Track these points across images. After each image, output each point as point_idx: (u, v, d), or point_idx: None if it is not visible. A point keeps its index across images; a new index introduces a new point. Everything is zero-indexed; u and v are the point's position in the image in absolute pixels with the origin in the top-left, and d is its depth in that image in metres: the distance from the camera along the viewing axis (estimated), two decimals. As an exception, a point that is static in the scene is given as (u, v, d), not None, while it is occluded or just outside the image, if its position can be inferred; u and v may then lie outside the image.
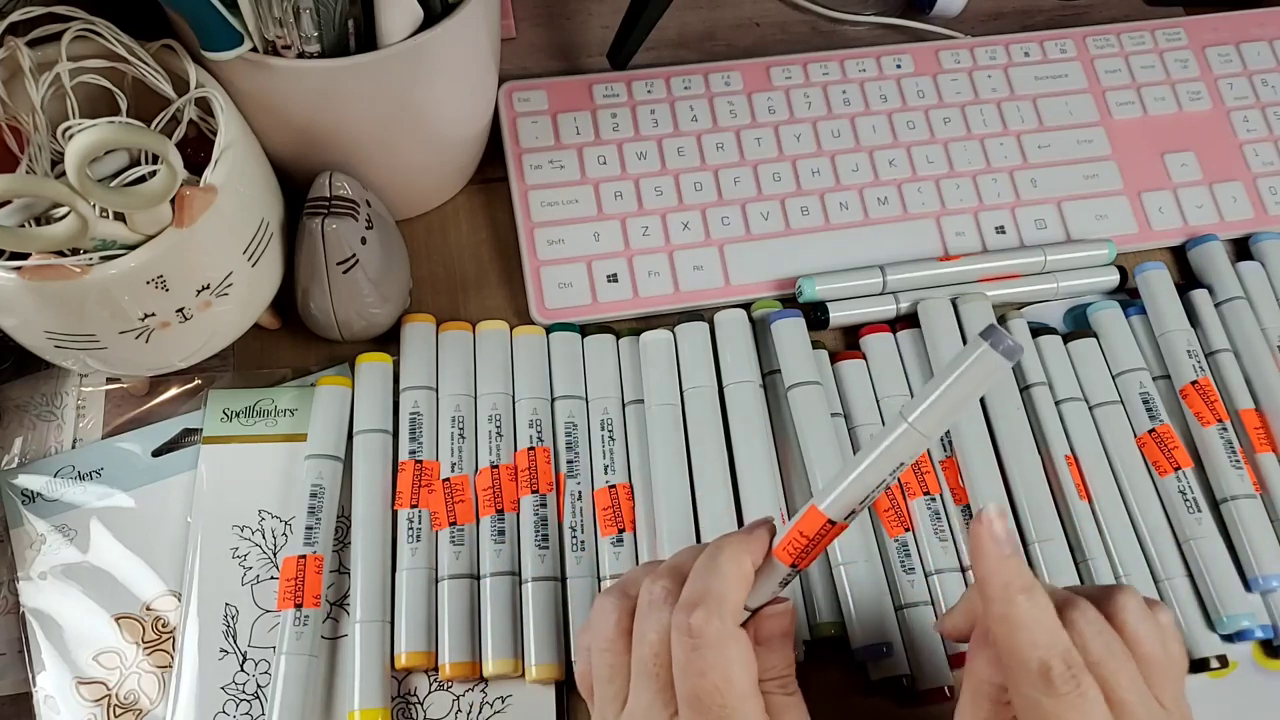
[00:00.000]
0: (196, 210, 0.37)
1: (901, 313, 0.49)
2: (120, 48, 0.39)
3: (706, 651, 0.30)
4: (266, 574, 0.42)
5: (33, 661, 0.41)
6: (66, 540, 0.43)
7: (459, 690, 0.41)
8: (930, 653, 0.42)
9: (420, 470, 0.44)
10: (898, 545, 0.44)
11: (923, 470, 0.45)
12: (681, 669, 0.31)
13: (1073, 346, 0.49)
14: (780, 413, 0.46)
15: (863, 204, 0.52)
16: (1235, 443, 0.46)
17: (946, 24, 0.60)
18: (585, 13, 0.59)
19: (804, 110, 0.54)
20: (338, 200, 0.42)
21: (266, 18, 0.38)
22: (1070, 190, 0.53)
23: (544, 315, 0.48)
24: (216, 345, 0.43)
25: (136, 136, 0.33)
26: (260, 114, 0.42)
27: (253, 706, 0.40)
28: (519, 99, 0.53)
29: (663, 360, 0.46)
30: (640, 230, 0.50)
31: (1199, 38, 0.58)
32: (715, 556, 0.32)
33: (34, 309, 0.37)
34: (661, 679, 0.32)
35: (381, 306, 0.45)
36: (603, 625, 0.34)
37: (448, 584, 0.42)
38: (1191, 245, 0.52)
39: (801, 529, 0.31)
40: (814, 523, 0.31)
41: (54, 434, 0.45)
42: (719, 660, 0.30)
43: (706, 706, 0.30)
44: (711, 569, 0.32)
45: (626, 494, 0.44)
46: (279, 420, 0.45)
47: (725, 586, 0.31)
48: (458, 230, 0.52)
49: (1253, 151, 0.55)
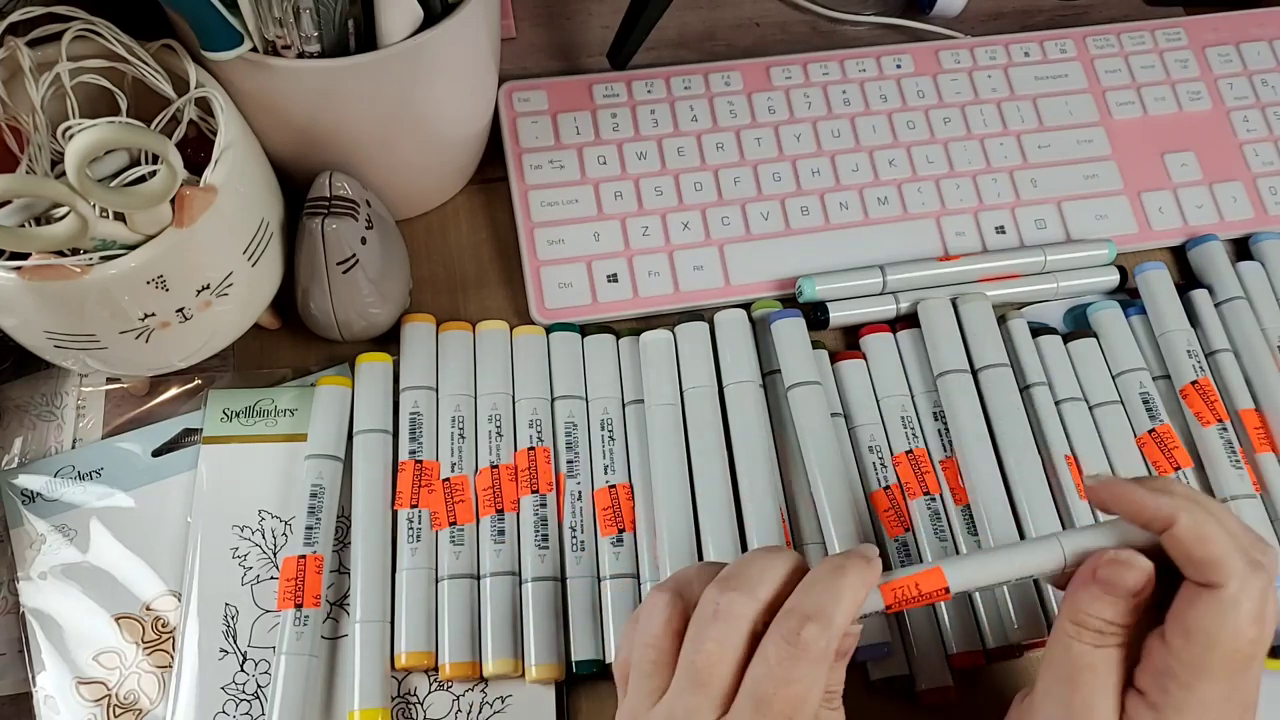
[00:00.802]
0: (196, 210, 0.37)
1: (901, 313, 0.49)
2: (120, 48, 0.39)
3: (804, 665, 0.30)
4: (266, 574, 0.42)
5: (33, 661, 0.41)
6: (66, 540, 0.43)
7: (459, 690, 0.41)
8: (930, 653, 0.42)
9: (420, 470, 0.44)
10: (898, 545, 0.44)
11: (922, 470, 0.45)
12: (766, 673, 0.31)
13: (1073, 346, 0.49)
14: (780, 413, 0.46)
15: (863, 204, 0.52)
16: (1235, 443, 0.46)
17: (946, 24, 0.60)
18: (585, 13, 0.59)
19: (804, 110, 0.54)
20: (338, 200, 0.42)
21: (266, 18, 0.38)
22: (1070, 190, 0.53)
23: (544, 315, 0.48)
24: (216, 345, 0.43)
25: (136, 136, 0.33)
26: (260, 114, 0.42)
27: (253, 706, 0.40)
28: (519, 99, 0.53)
29: (663, 360, 0.46)
30: (640, 230, 0.50)
31: (1199, 38, 0.58)
32: (839, 577, 0.32)
33: (34, 309, 0.37)
34: (713, 687, 0.31)
35: (381, 306, 0.45)
36: (651, 621, 0.33)
37: (448, 584, 0.42)
38: (1191, 245, 0.52)
39: (919, 582, 0.33)
40: (933, 582, 0.33)
41: (54, 434, 0.45)
42: (810, 676, 0.31)
43: (776, 712, 0.30)
44: (833, 589, 0.32)
45: (626, 494, 0.44)
46: (279, 420, 0.45)
47: (841, 611, 0.31)
48: (458, 230, 0.52)
49: (1253, 151, 0.55)
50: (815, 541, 0.43)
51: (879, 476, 0.45)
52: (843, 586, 0.32)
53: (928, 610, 0.42)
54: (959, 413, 0.46)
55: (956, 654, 0.42)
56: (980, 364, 0.47)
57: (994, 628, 0.42)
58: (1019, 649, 0.42)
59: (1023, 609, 0.42)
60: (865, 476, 0.45)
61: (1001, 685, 0.43)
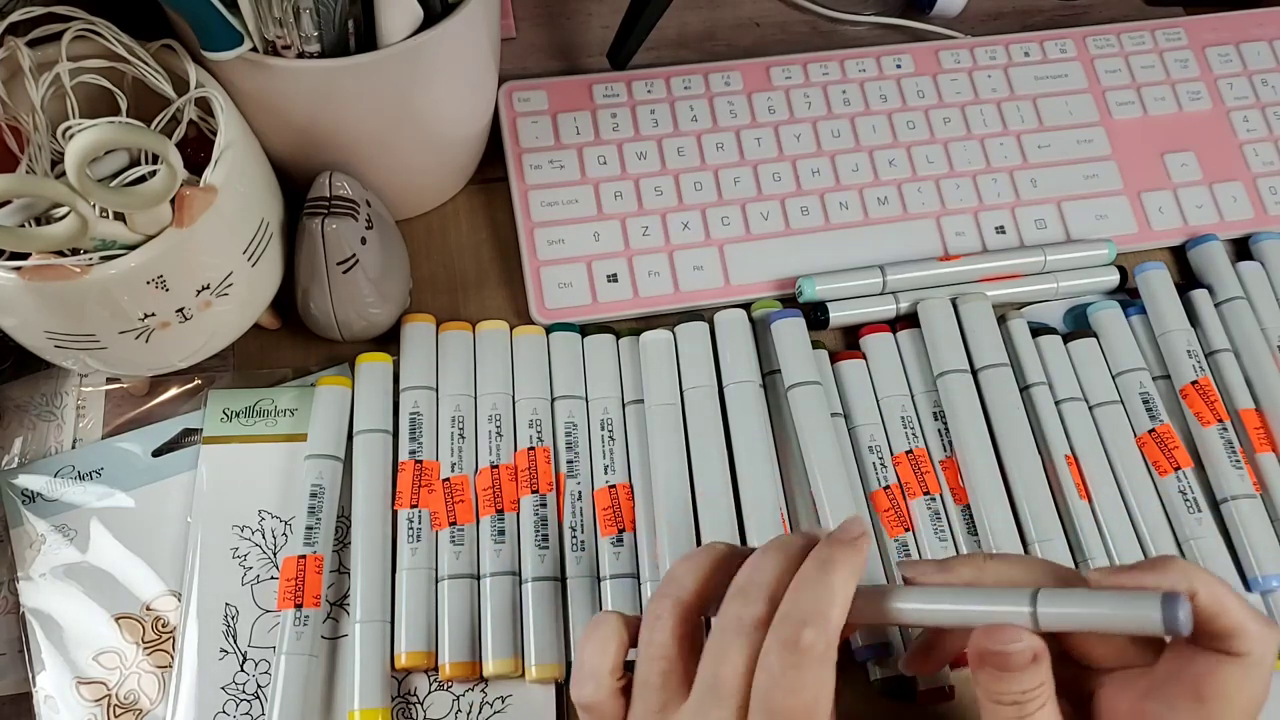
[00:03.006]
0: (196, 210, 0.37)
1: (901, 313, 0.49)
2: (120, 48, 0.39)
3: (807, 671, 0.30)
4: (266, 574, 0.42)
5: (33, 661, 0.41)
6: (66, 540, 0.43)
7: (459, 690, 0.41)
8: (930, 653, 0.42)
9: (420, 470, 0.44)
10: (898, 545, 0.44)
11: (922, 470, 0.45)
12: (773, 684, 0.30)
13: (1073, 346, 0.49)
14: (780, 413, 0.46)
15: (863, 204, 0.52)
16: (1235, 443, 0.46)
17: (946, 24, 0.60)
18: (585, 13, 0.59)
19: (804, 110, 0.54)
20: (338, 200, 0.42)
21: (266, 18, 0.38)
22: (1070, 190, 0.53)
23: (544, 315, 0.48)
24: (216, 345, 0.43)
25: (136, 136, 0.33)
26: (260, 114, 0.42)
27: (253, 706, 0.40)
28: (519, 99, 0.53)
29: (663, 360, 0.46)
30: (640, 230, 0.50)
31: (1199, 38, 0.58)
32: (828, 573, 0.31)
33: (34, 309, 0.37)
34: (737, 700, 0.31)
35: (381, 306, 0.45)
36: (658, 633, 0.33)
37: (448, 584, 0.42)
38: (1191, 245, 0.52)
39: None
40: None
41: (54, 434, 0.45)
42: (815, 681, 0.30)
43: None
44: (823, 585, 0.31)
45: (626, 494, 0.44)
46: (279, 420, 0.45)
47: (834, 606, 0.31)
48: (458, 230, 0.52)
49: (1253, 151, 0.55)
50: (815, 541, 0.43)
51: (879, 476, 0.45)
52: (833, 583, 0.31)
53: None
54: (959, 413, 0.46)
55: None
56: (980, 364, 0.47)
57: (994, 628, 0.42)
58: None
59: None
60: (865, 476, 0.45)
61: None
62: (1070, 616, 0.29)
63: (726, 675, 0.31)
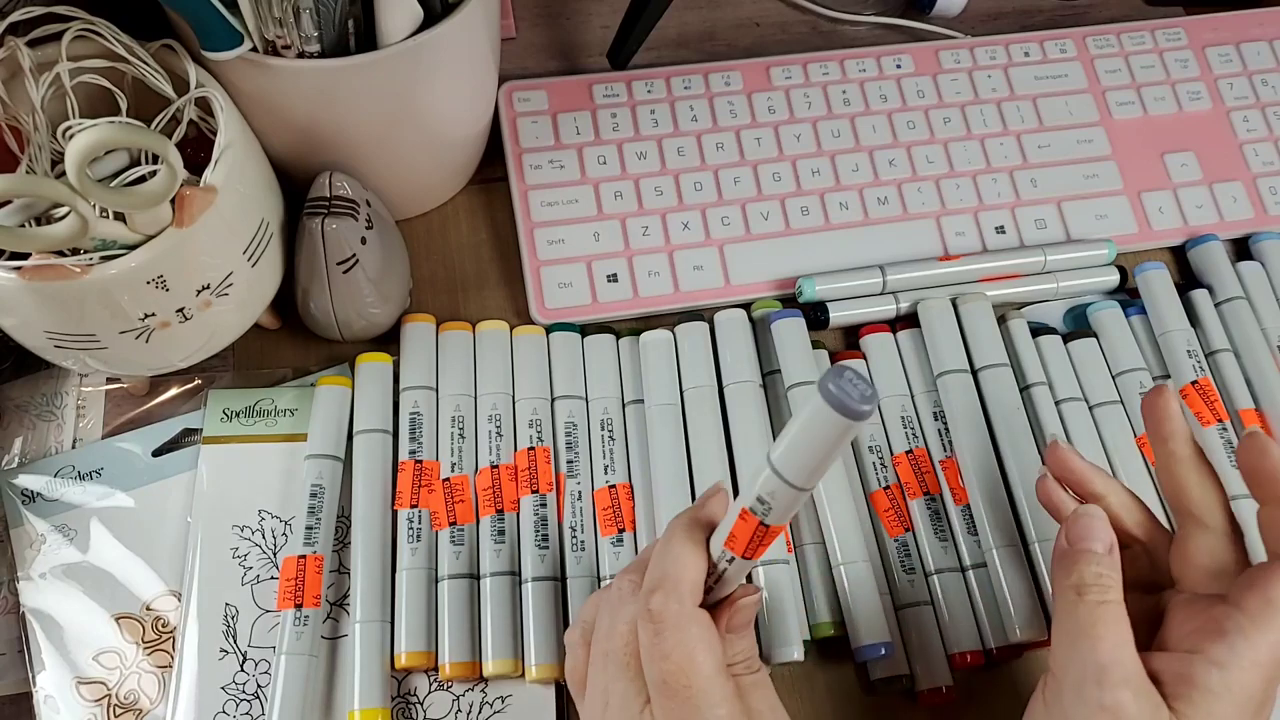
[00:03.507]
0: (196, 210, 0.37)
1: (901, 313, 0.49)
2: (120, 48, 0.39)
3: (667, 634, 0.31)
4: (266, 574, 0.42)
5: (33, 661, 0.41)
6: (66, 540, 0.43)
7: (459, 690, 0.41)
8: (930, 653, 0.42)
9: (420, 470, 0.44)
10: (898, 545, 0.44)
11: (923, 470, 0.45)
12: (647, 655, 0.32)
13: (1073, 346, 0.49)
14: (780, 413, 0.46)
15: (863, 204, 0.52)
16: (1235, 443, 0.46)
17: (946, 24, 0.60)
18: (585, 13, 0.59)
19: (804, 110, 0.54)
20: (338, 200, 0.42)
21: (266, 18, 0.38)
22: (1070, 190, 0.53)
23: (544, 315, 0.48)
24: (216, 345, 0.43)
25: (136, 136, 0.33)
26: (260, 114, 0.42)
27: (253, 706, 0.40)
28: (519, 99, 0.53)
29: (663, 360, 0.46)
30: (640, 230, 0.50)
31: (1199, 38, 0.58)
32: (669, 540, 0.33)
33: (34, 309, 0.37)
34: (633, 668, 0.32)
35: (381, 306, 0.45)
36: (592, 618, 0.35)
37: (448, 584, 0.42)
38: (1191, 245, 0.52)
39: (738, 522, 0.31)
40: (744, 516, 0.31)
41: (54, 434, 0.45)
42: (680, 641, 0.31)
43: (674, 690, 0.31)
44: (665, 552, 0.33)
45: (626, 494, 0.44)
46: (279, 420, 0.45)
47: (680, 569, 0.32)
48: (458, 230, 0.52)
49: (1253, 151, 0.55)
50: (815, 541, 0.43)
51: (879, 476, 0.45)
52: (673, 546, 0.32)
53: (928, 610, 0.42)
54: (959, 413, 0.46)
55: (956, 654, 0.42)
56: (980, 364, 0.47)
57: (994, 628, 0.42)
58: (1019, 649, 0.42)
59: (1023, 609, 0.42)
60: (865, 476, 0.45)
61: (1001, 685, 0.43)
62: (789, 448, 0.28)
63: (618, 647, 0.33)
